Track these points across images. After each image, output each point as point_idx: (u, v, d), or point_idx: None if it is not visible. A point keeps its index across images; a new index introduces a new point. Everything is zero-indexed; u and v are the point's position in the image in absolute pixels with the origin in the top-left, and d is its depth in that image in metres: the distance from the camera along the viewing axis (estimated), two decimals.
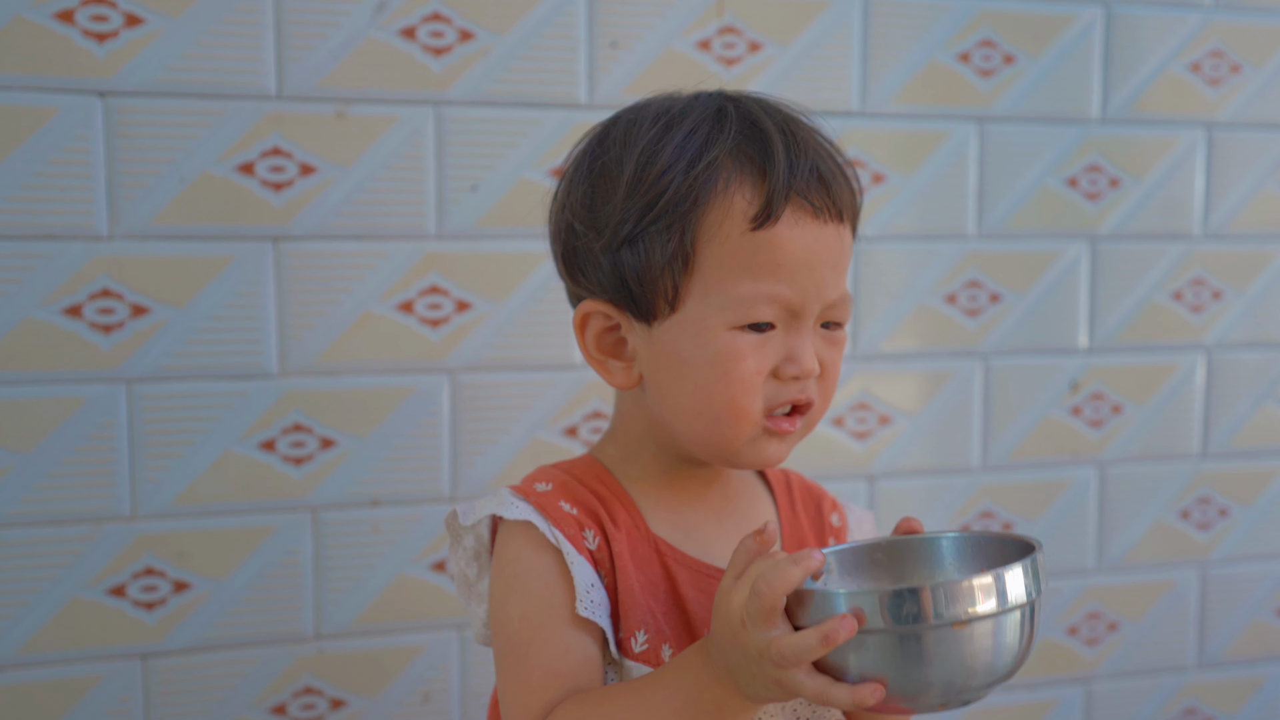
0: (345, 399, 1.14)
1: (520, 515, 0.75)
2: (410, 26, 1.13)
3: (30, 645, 1.08)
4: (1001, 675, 0.66)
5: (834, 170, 0.76)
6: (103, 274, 1.07)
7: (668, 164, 0.74)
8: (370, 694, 1.17)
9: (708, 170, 0.73)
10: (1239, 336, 1.42)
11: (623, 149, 0.76)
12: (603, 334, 0.78)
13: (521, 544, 0.75)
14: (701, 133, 0.75)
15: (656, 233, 0.74)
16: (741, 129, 0.75)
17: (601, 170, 0.77)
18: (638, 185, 0.74)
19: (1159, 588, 1.43)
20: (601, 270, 0.77)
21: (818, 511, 0.86)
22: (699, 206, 0.73)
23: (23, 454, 1.07)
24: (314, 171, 1.12)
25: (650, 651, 0.75)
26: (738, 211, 0.73)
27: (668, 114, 0.77)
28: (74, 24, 1.05)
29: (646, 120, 0.77)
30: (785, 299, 0.74)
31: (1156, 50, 1.36)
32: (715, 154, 0.73)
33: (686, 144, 0.74)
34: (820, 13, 1.24)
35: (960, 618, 0.63)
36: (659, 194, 0.73)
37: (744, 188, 0.73)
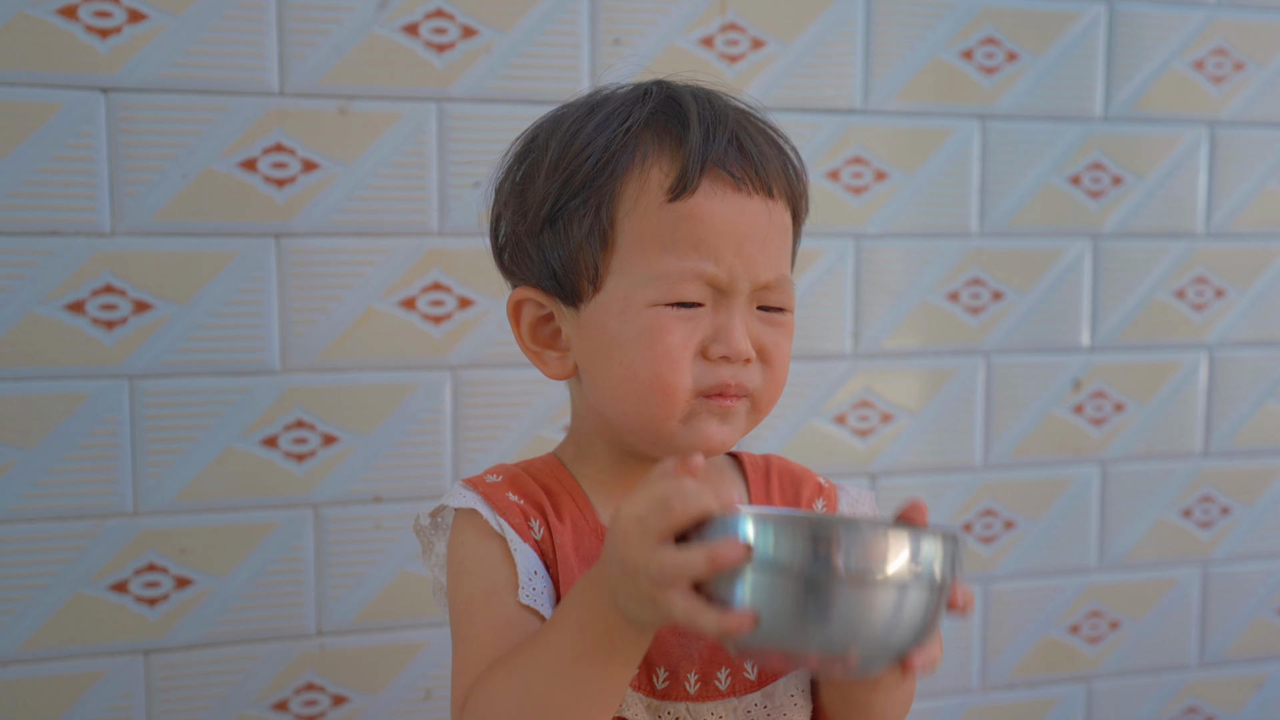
0: (347, 395, 1.14)
1: (467, 503, 0.75)
2: (413, 23, 1.13)
3: (33, 641, 1.08)
4: (890, 651, 0.61)
5: (760, 143, 0.74)
6: (105, 270, 1.08)
7: (587, 140, 0.74)
8: (372, 691, 1.17)
9: (624, 141, 0.73)
10: (1241, 335, 1.42)
11: (550, 135, 0.76)
12: (537, 324, 0.78)
13: (469, 531, 0.75)
14: (623, 110, 0.74)
15: (575, 209, 0.73)
16: (659, 104, 0.74)
17: (530, 159, 0.77)
18: (559, 164, 0.74)
19: (1161, 586, 1.43)
20: (529, 256, 0.76)
21: (795, 496, 0.83)
22: (615, 179, 0.72)
23: (25, 450, 1.07)
24: (316, 168, 1.12)
25: None
26: (654, 183, 0.72)
27: (594, 100, 0.77)
28: (77, 20, 1.05)
29: (576, 106, 0.77)
30: (709, 275, 0.72)
31: (1159, 48, 1.36)
32: (631, 125, 0.73)
33: (607, 122, 0.74)
34: (823, 10, 1.24)
35: (863, 572, 0.59)
36: (576, 169, 0.73)
37: (660, 159, 0.72)
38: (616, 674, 0.67)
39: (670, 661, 0.74)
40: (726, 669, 0.76)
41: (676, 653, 0.75)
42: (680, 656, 0.75)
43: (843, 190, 1.27)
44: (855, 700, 0.75)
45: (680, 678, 0.74)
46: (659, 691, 0.74)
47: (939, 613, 0.63)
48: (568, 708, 0.67)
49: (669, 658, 0.75)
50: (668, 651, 0.75)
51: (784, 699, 0.77)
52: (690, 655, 0.75)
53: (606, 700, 0.68)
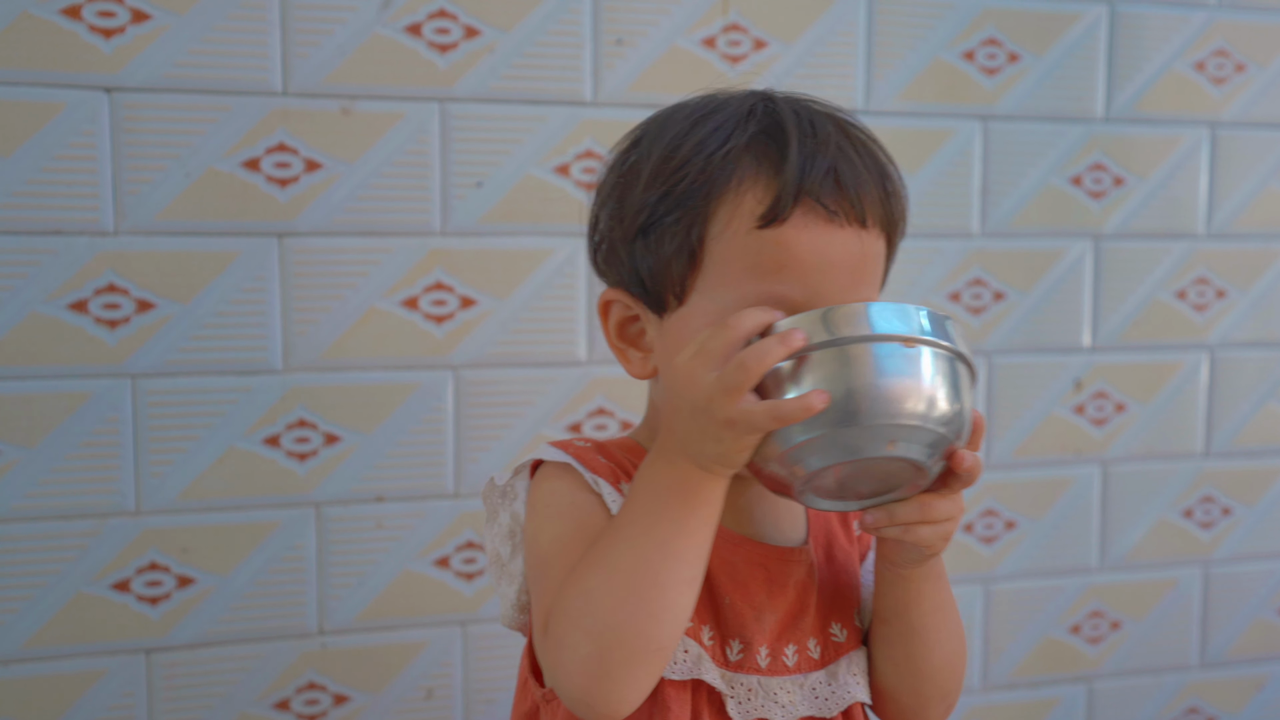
0: (349, 395, 1.14)
1: (560, 458, 0.76)
2: (416, 23, 1.13)
3: (35, 640, 1.09)
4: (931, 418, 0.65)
5: (860, 173, 0.73)
6: (108, 269, 1.08)
7: (688, 156, 0.73)
8: (373, 690, 1.17)
9: (723, 163, 0.72)
10: (1242, 335, 1.43)
11: (653, 142, 0.76)
12: (624, 323, 0.78)
13: (561, 481, 0.76)
14: (726, 128, 0.74)
15: (669, 224, 0.73)
16: (763, 126, 0.74)
17: (632, 164, 0.77)
18: (658, 175, 0.74)
19: (1162, 586, 1.43)
20: (621, 261, 0.77)
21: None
22: (710, 200, 0.73)
23: (28, 449, 1.07)
24: (319, 168, 1.12)
25: None
26: (746, 209, 0.72)
27: (702, 109, 0.76)
28: (80, 20, 1.05)
29: (682, 115, 0.77)
30: (790, 301, 0.71)
31: (1161, 49, 1.36)
32: (731, 148, 0.73)
33: (709, 138, 0.74)
34: (825, 10, 1.25)
35: (892, 333, 0.65)
36: (675, 184, 0.73)
37: (756, 186, 0.72)
38: (697, 531, 0.69)
39: (745, 635, 0.76)
40: (794, 645, 0.78)
41: (751, 626, 0.77)
42: (755, 630, 0.77)
43: None
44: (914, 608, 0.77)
45: (753, 651, 0.77)
46: (732, 663, 0.76)
47: (965, 389, 0.67)
48: (656, 575, 0.68)
49: (743, 630, 0.76)
50: (743, 624, 0.76)
51: (846, 677, 0.79)
52: (763, 629, 0.77)
53: (691, 563, 0.69)
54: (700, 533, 0.69)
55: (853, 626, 0.81)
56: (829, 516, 0.84)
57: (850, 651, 0.80)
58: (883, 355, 0.65)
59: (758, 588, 0.77)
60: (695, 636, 0.75)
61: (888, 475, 0.69)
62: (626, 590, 0.68)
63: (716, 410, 0.66)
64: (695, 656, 0.75)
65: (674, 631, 0.69)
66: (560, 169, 1.18)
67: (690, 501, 0.68)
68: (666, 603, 0.68)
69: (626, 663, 0.68)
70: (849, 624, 0.81)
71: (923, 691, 0.80)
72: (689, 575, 0.69)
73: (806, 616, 0.79)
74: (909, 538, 0.72)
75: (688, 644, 0.75)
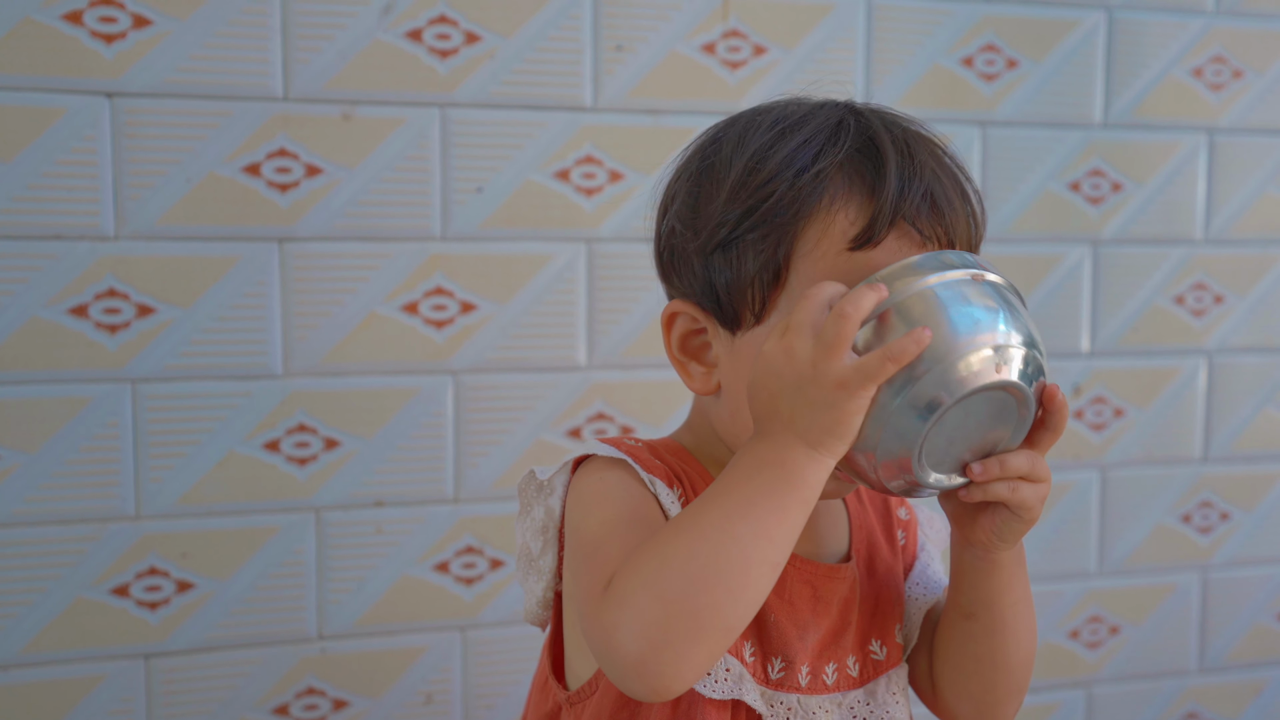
0: (349, 400, 1.14)
1: (614, 454, 0.73)
2: (416, 29, 1.14)
3: (33, 644, 1.08)
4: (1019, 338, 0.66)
5: (951, 196, 0.72)
6: (109, 274, 1.08)
7: (775, 171, 0.70)
8: (373, 695, 1.17)
9: (814, 182, 0.70)
10: (1240, 341, 1.43)
11: (734, 151, 0.73)
12: (687, 336, 0.76)
13: (613, 473, 0.73)
14: (815, 143, 0.71)
15: (753, 241, 0.71)
16: (856, 143, 0.71)
17: (709, 170, 0.74)
18: (741, 189, 0.71)
19: (1160, 591, 1.43)
20: (694, 272, 0.74)
21: (885, 505, 0.85)
22: (800, 219, 0.70)
23: (27, 453, 1.07)
24: (320, 173, 1.12)
25: None
26: (838, 230, 0.69)
27: (786, 120, 0.73)
28: (82, 25, 1.05)
29: (764, 124, 0.74)
30: None
31: (1159, 55, 1.36)
32: (824, 166, 0.70)
33: (798, 153, 0.71)
34: (824, 17, 1.25)
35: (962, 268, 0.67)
36: (760, 200, 0.71)
37: (849, 206, 0.70)
38: (794, 514, 0.66)
39: (788, 653, 0.75)
40: (834, 664, 0.77)
41: (795, 645, 0.75)
42: (798, 649, 0.75)
43: None
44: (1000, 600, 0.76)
45: (794, 669, 0.75)
46: (773, 681, 0.74)
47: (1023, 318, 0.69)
48: (745, 552, 0.65)
49: (786, 649, 0.75)
50: (786, 643, 0.75)
51: (885, 696, 0.78)
52: (806, 647, 0.75)
53: (780, 546, 0.66)
54: (797, 517, 0.66)
55: (893, 644, 0.80)
56: (871, 529, 0.82)
57: (890, 670, 0.79)
58: (960, 287, 0.66)
59: (803, 605, 0.76)
60: (738, 654, 0.74)
61: (992, 422, 0.68)
62: (710, 561, 0.64)
63: (824, 374, 0.64)
64: (737, 675, 0.73)
65: (747, 614, 0.65)
66: (560, 174, 1.18)
67: (792, 481, 0.65)
68: (748, 582, 0.64)
69: (692, 635, 0.64)
70: (890, 641, 0.79)
71: (1004, 685, 0.78)
72: (776, 559, 0.66)
73: (848, 634, 0.77)
74: (1015, 496, 0.69)
75: (730, 662, 0.73)
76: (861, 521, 0.82)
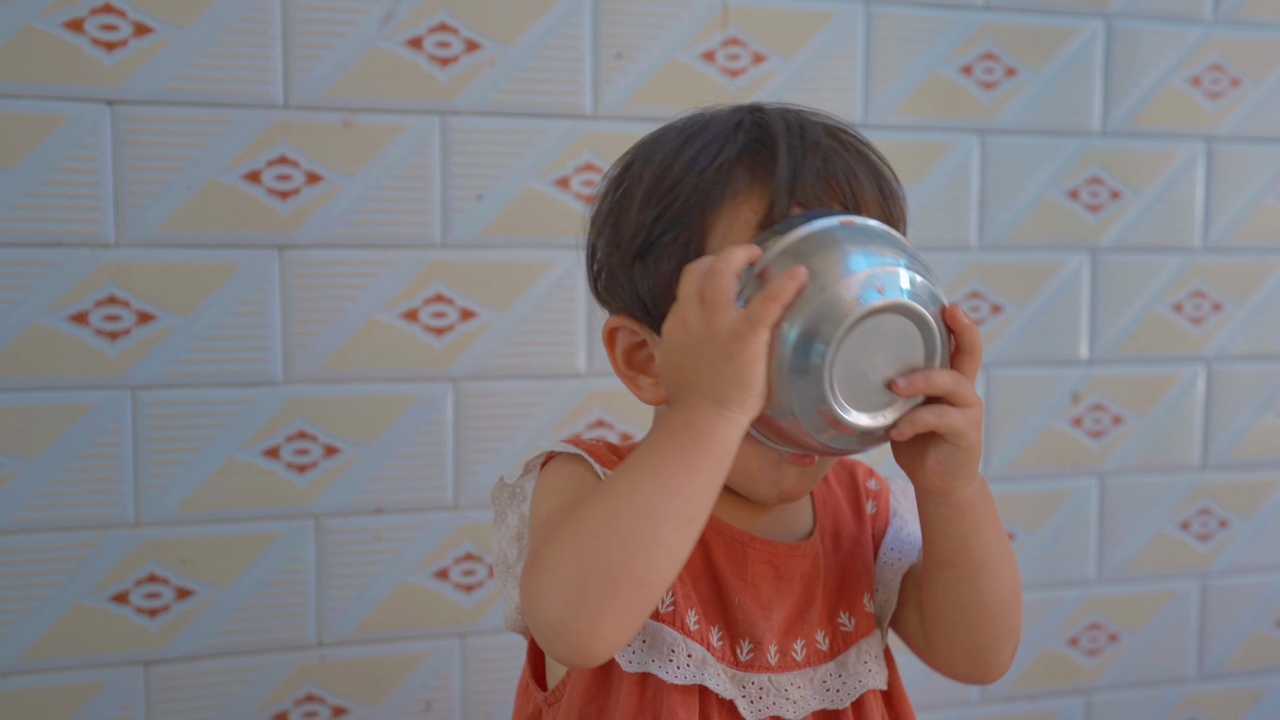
0: (349, 407, 1.14)
1: (572, 450, 0.76)
2: (417, 37, 1.14)
3: (33, 651, 1.08)
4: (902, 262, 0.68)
5: (854, 171, 0.73)
6: (109, 281, 1.08)
7: (680, 174, 0.74)
8: (372, 702, 1.17)
9: (716, 177, 0.73)
10: (1239, 348, 1.43)
11: (645, 164, 0.76)
12: (631, 349, 0.78)
13: (571, 466, 0.75)
14: (716, 143, 0.74)
15: (668, 243, 0.73)
16: (752, 136, 0.74)
17: (626, 188, 0.77)
18: (651, 195, 0.74)
19: (1159, 599, 1.43)
20: (622, 286, 0.76)
21: (852, 479, 0.86)
22: (706, 214, 0.73)
23: (27, 460, 1.07)
24: (320, 180, 1.12)
25: (675, 614, 0.75)
26: (743, 220, 0.72)
27: (690, 128, 0.77)
28: (83, 33, 1.05)
29: (670, 136, 0.77)
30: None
31: (1157, 64, 1.37)
32: (722, 161, 0.73)
33: (700, 154, 0.74)
34: (824, 25, 1.25)
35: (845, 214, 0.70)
36: (669, 203, 0.73)
37: (751, 196, 0.72)
38: (704, 472, 0.67)
39: (754, 634, 0.76)
40: (802, 640, 0.78)
41: (761, 625, 0.76)
42: (765, 629, 0.76)
43: None
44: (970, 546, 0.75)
45: (763, 649, 0.76)
46: (743, 663, 0.76)
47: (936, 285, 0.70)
48: (652, 505, 0.66)
49: (753, 630, 0.76)
50: (752, 624, 0.76)
51: (857, 666, 0.79)
52: (772, 627, 0.77)
53: (692, 502, 0.67)
54: (708, 475, 0.67)
55: (863, 614, 0.80)
56: (837, 505, 0.83)
57: (860, 640, 0.80)
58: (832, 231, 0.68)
59: (766, 585, 0.77)
60: (703, 638, 0.75)
61: (901, 351, 0.69)
62: (622, 518, 0.66)
63: (715, 330, 0.66)
64: (700, 660, 0.74)
65: (663, 568, 0.67)
66: (560, 182, 1.18)
67: (703, 440, 0.67)
68: (659, 535, 0.66)
69: (607, 590, 0.65)
70: (858, 612, 0.80)
71: (993, 629, 0.78)
72: (688, 514, 0.67)
73: (813, 609, 0.79)
74: (943, 422, 0.70)
75: (692, 648, 0.74)
76: (826, 499, 0.84)
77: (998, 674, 0.80)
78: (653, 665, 0.74)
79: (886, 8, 1.27)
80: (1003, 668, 0.80)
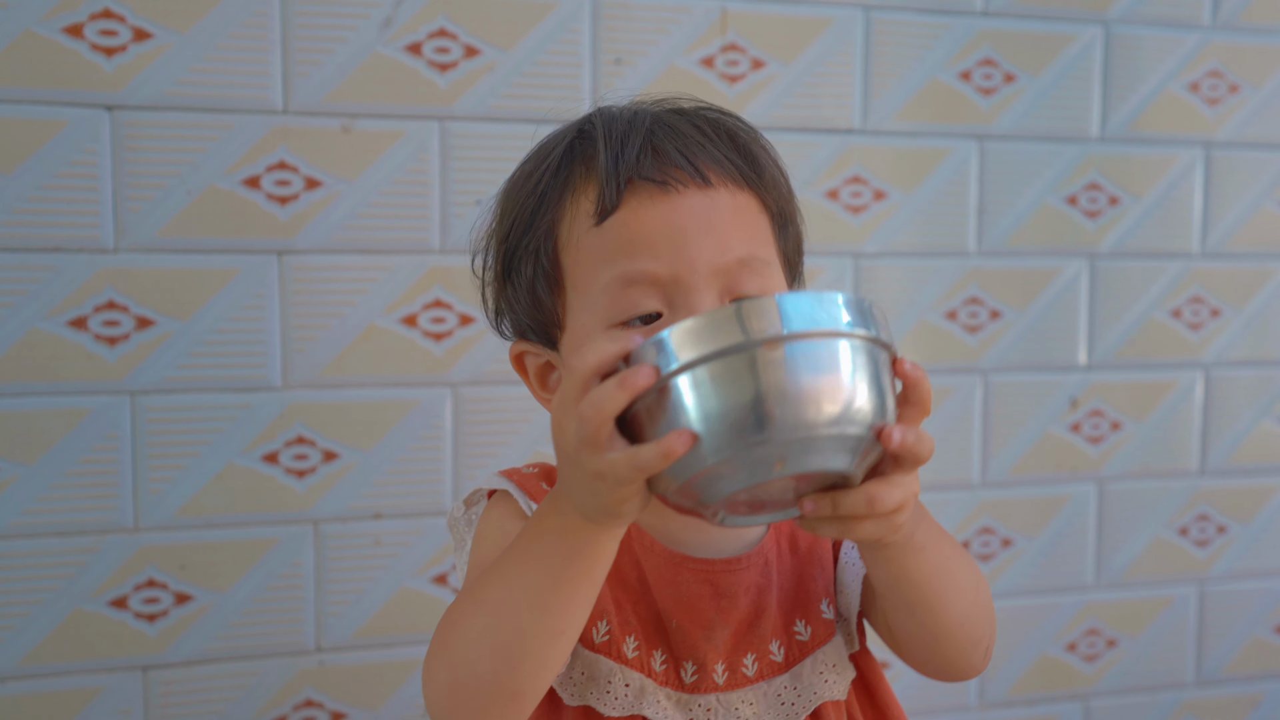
0: (348, 412, 1.15)
1: (499, 486, 0.76)
2: (416, 42, 1.14)
3: (32, 656, 1.08)
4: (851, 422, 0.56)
5: (687, 138, 0.72)
6: (108, 286, 1.08)
7: (520, 187, 0.76)
8: (371, 707, 1.17)
9: (551, 180, 0.74)
10: (1237, 354, 1.43)
11: (503, 193, 0.79)
12: (541, 372, 0.77)
13: (498, 511, 0.75)
14: (547, 149, 0.76)
15: (522, 256, 0.74)
16: (578, 131, 0.75)
17: (495, 218, 0.79)
18: (505, 215, 0.76)
19: (1158, 604, 1.43)
20: (505, 311, 0.78)
21: None
22: (547, 216, 0.73)
23: (26, 465, 1.07)
24: (319, 185, 1.12)
25: (611, 643, 0.73)
26: (583, 212, 0.72)
27: (539, 144, 0.78)
28: (83, 38, 1.06)
29: (524, 158, 0.79)
30: (652, 273, 0.68)
31: (1156, 70, 1.37)
32: (551, 163, 0.74)
33: (538, 165, 0.75)
34: (823, 31, 1.25)
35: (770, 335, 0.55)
36: (516, 216, 0.75)
37: (586, 187, 0.72)
38: (573, 584, 0.64)
39: (697, 655, 0.74)
40: (753, 654, 0.75)
41: (703, 646, 0.74)
42: (707, 650, 0.74)
43: (842, 209, 1.27)
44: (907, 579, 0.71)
45: (708, 670, 0.74)
46: (688, 685, 0.74)
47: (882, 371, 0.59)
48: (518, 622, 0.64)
49: (695, 651, 0.74)
50: (694, 645, 0.74)
51: (812, 677, 0.76)
52: (716, 646, 0.74)
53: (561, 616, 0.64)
54: (578, 587, 0.64)
55: (820, 621, 0.77)
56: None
57: (816, 650, 0.77)
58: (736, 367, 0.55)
59: (705, 605, 0.75)
60: (643, 665, 0.73)
61: (810, 484, 0.61)
62: (488, 631, 0.65)
63: (584, 462, 0.59)
64: (637, 689, 0.73)
65: (534, 681, 0.65)
66: None
67: (570, 554, 0.63)
68: (526, 651, 0.64)
69: (478, 701, 0.65)
70: (815, 620, 0.77)
71: (947, 649, 0.75)
72: (557, 628, 0.65)
73: (764, 620, 0.76)
74: (854, 535, 0.64)
75: (630, 676, 0.73)
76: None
77: (972, 674, 0.78)
78: (590, 698, 0.73)
79: (886, 13, 1.27)
80: (974, 671, 0.77)
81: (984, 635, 0.76)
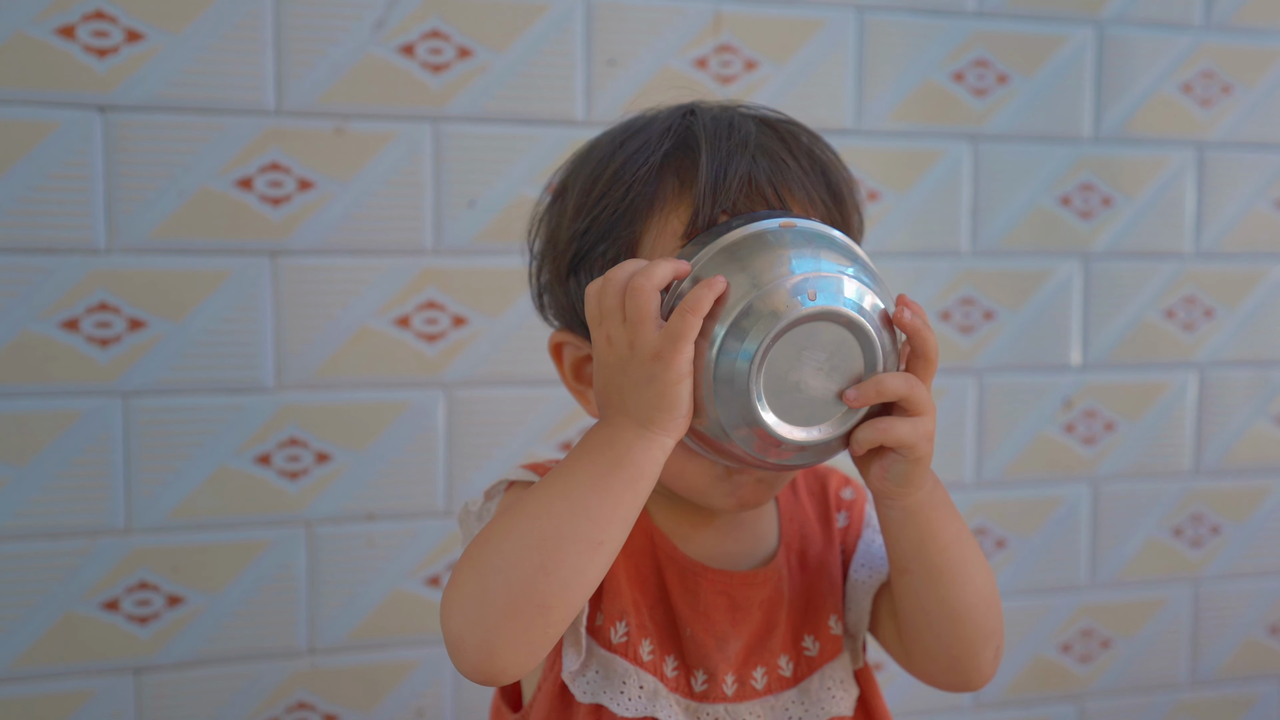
0: (341, 413, 1.14)
1: (525, 477, 0.74)
2: (409, 43, 1.14)
3: (23, 659, 1.08)
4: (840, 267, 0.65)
5: (785, 171, 0.71)
6: (100, 288, 1.08)
7: (609, 184, 0.72)
8: (363, 709, 1.17)
9: (643, 187, 0.71)
10: (1230, 354, 1.43)
11: (578, 174, 0.75)
12: (578, 364, 0.77)
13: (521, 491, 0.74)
14: (644, 151, 0.72)
15: (598, 255, 0.72)
16: (677, 141, 0.72)
17: (560, 198, 0.76)
18: (583, 206, 0.73)
19: (1152, 605, 1.43)
20: (560, 301, 0.76)
21: (823, 489, 0.83)
22: (635, 225, 0.71)
23: (18, 467, 1.07)
24: (312, 187, 1.12)
25: (629, 644, 0.73)
26: (670, 229, 0.70)
27: (624, 133, 0.75)
28: (75, 39, 1.05)
29: (604, 141, 0.75)
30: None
31: (1148, 71, 1.37)
32: (648, 170, 0.71)
33: (629, 163, 0.72)
34: (816, 32, 1.25)
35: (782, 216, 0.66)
36: (599, 214, 0.72)
37: (679, 205, 0.70)
38: (617, 491, 0.64)
39: (708, 665, 0.75)
40: (762, 667, 0.76)
41: (714, 656, 0.75)
42: (718, 660, 0.75)
43: None
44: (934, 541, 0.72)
45: (718, 680, 0.74)
46: (698, 694, 0.74)
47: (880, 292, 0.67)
48: (557, 527, 0.63)
49: (706, 661, 0.75)
50: (706, 655, 0.75)
51: (820, 693, 0.76)
52: (727, 657, 0.75)
53: (601, 524, 0.64)
54: (619, 496, 0.64)
55: (828, 637, 0.78)
56: (805, 519, 0.81)
57: (825, 665, 0.77)
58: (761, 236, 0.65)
59: (719, 616, 0.75)
60: (656, 669, 0.74)
61: (840, 360, 0.65)
62: (524, 536, 0.63)
63: (639, 350, 0.63)
64: (651, 692, 0.73)
65: (567, 594, 0.64)
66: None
67: (620, 463, 0.64)
68: (563, 559, 0.63)
69: (507, 612, 0.63)
70: (823, 635, 0.78)
71: (964, 635, 0.74)
72: (597, 537, 0.63)
73: (775, 635, 0.77)
74: (892, 436, 0.67)
75: (644, 679, 0.73)
76: (793, 515, 0.81)
77: (980, 681, 0.77)
78: (604, 697, 0.73)
79: (878, 15, 1.27)
80: (985, 675, 0.77)
81: (996, 629, 0.76)
